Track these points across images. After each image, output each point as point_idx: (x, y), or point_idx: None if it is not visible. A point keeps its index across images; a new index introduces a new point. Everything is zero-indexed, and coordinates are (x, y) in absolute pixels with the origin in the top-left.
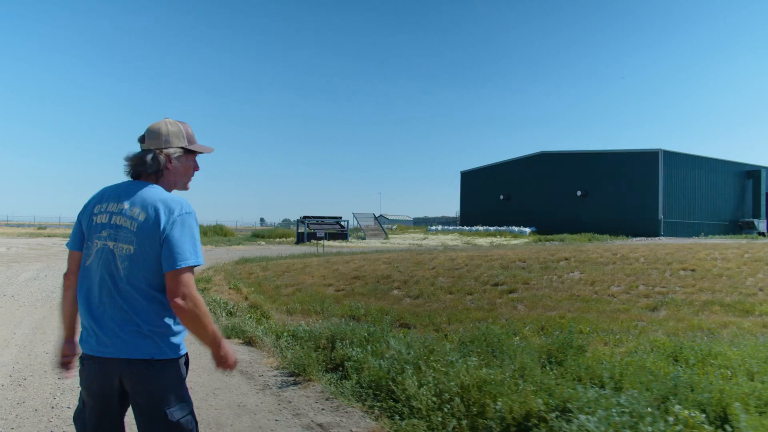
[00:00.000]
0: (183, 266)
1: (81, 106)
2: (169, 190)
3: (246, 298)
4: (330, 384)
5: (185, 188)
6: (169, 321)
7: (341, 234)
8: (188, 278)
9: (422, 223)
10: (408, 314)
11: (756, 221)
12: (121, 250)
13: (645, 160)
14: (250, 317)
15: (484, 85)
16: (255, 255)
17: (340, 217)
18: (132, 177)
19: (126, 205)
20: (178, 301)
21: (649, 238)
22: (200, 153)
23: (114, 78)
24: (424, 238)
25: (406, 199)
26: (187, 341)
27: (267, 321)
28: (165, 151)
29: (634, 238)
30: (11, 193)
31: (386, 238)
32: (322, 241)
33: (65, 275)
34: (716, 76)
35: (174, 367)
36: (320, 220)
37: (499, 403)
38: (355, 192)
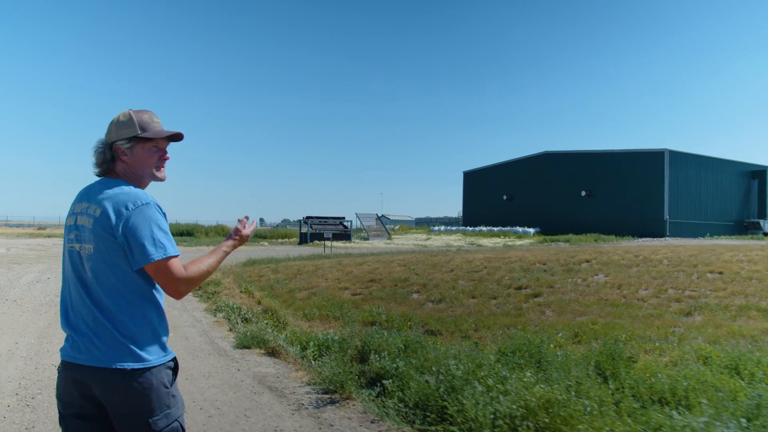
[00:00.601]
0: (157, 259)
1: (81, 106)
2: (139, 183)
3: (259, 303)
4: (370, 402)
5: (157, 178)
6: (146, 323)
7: (344, 234)
8: (171, 268)
9: (424, 224)
10: (432, 320)
11: (762, 222)
12: (85, 251)
13: (650, 160)
14: (267, 323)
15: (485, 85)
16: (261, 256)
17: (343, 218)
18: (100, 175)
19: (86, 203)
20: (175, 292)
21: (655, 239)
22: (158, 140)
23: (114, 78)
24: (428, 239)
25: (408, 199)
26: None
27: (284, 328)
28: (115, 143)
29: (640, 239)
30: (10, 194)
31: (389, 238)
32: (329, 242)
33: None
34: (719, 75)
35: (156, 374)
36: (323, 220)
37: None
38: (356, 192)
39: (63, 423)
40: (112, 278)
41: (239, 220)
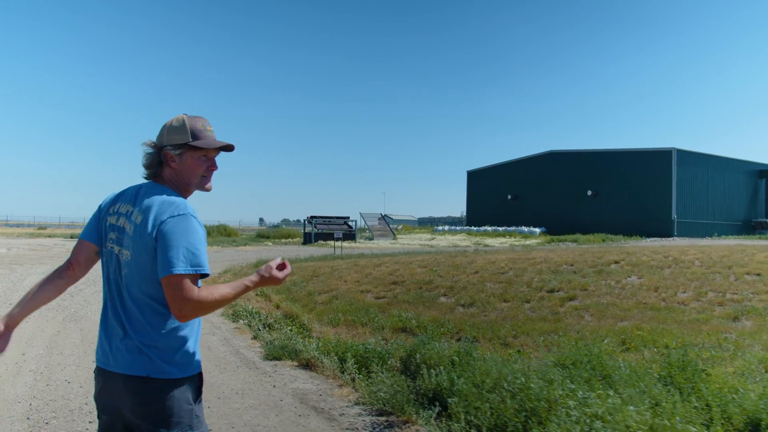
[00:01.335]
0: (174, 273)
1: (80, 105)
2: (182, 191)
3: (278, 307)
4: (433, 426)
5: (203, 188)
6: (173, 336)
7: (349, 234)
8: (182, 286)
9: (427, 223)
10: (467, 326)
11: None
12: (123, 256)
13: (658, 160)
14: (291, 330)
15: (487, 85)
16: (269, 257)
17: (348, 217)
18: (147, 179)
19: (129, 207)
20: (178, 312)
21: (663, 239)
22: (209, 150)
23: (114, 78)
24: (432, 239)
25: (410, 198)
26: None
27: (310, 335)
28: (165, 148)
29: (648, 239)
30: (10, 193)
31: (394, 238)
32: (339, 243)
33: (67, 263)
34: (724, 73)
35: (176, 388)
36: (328, 220)
37: None
38: (358, 191)
39: (100, 422)
40: (143, 287)
41: (278, 263)
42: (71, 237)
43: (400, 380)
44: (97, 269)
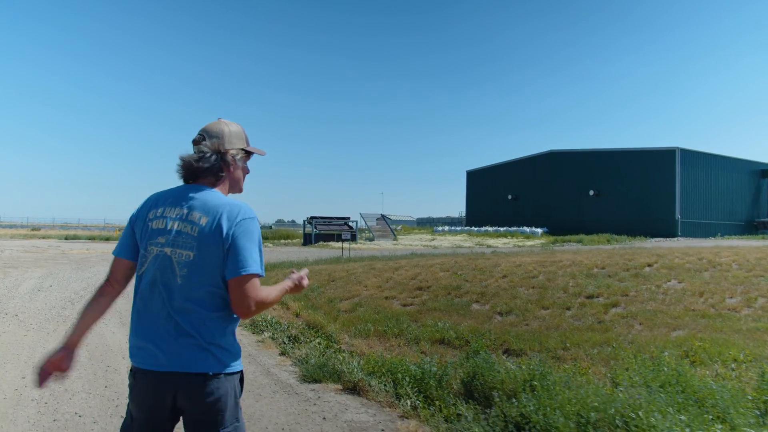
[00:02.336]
0: (246, 273)
1: (75, 104)
2: (225, 193)
3: (297, 315)
4: None
5: (240, 191)
6: (229, 332)
7: (350, 235)
8: (252, 286)
9: (426, 224)
10: (511, 337)
11: None
12: (179, 257)
13: (661, 159)
14: (319, 343)
15: (486, 84)
16: (273, 259)
17: (348, 218)
18: (186, 180)
19: (185, 209)
20: (246, 310)
21: (668, 239)
22: (256, 155)
23: (111, 77)
24: (433, 239)
25: (408, 199)
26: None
27: (338, 347)
28: (230, 152)
29: (653, 239)
30: (3, 193)
31: (395, 239)
32: (342, 244)
33: (106, 281)
34: (726, 72)
35: (231, 382)
36: (328, 220)
37: None
38: (355, 191)
39: (132, 427)
40: (207, 286)
41: (301, 275)
42: (65, 238)
43: (471, 409)
44: (95, 276)
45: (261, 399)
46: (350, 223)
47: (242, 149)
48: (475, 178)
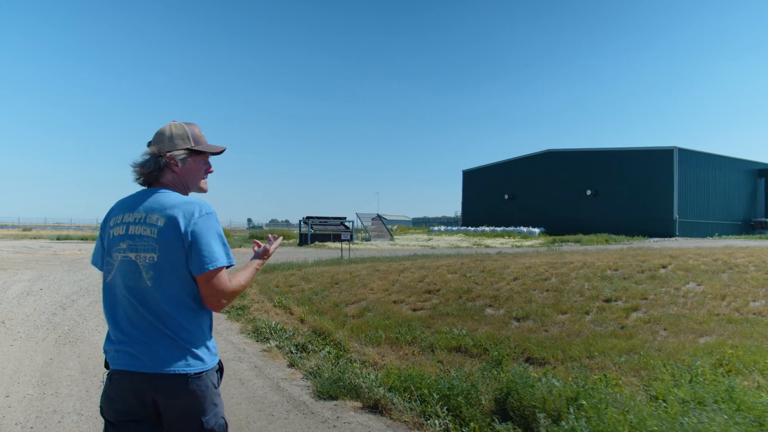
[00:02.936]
0: (212, 268)
1: (67, 103)
2: (184, 193)
3: (302, 321)
4: None
5: (201, 190)
6: (203, 328)
7: (349, 236)
8: (219, 279)
9: (421, 224)
10: (532, 344)
11: None
12: (144, 260)
13: (659, 159)
14: (329, 353)
15: (482, 84)
16: (272, 260)
17: (345, 218)
18: (143, 185)
19: (143, 213)
20: (217, 303)
21: (666, 239)
22: (209, 153)
23: (109, 77)
24: (430, 239)
25: (404, 198)
26: None
27: (348, 355)
28: (169, 153)
29: (651, 239)
30: None
31: (392, 239)
32: (340, 244)
33: None
34: (722, 73)
35: (210, 376)
36: (324, 220)
37: None
38: (349, 191)
39: (117, 428)
40: (175, 286)
41: (269, 238)
42: (57, 239)
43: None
44: (88, 278)
45: (274, 420)
46: (346, 223)
47: (187, 149)
48: (472, 178)
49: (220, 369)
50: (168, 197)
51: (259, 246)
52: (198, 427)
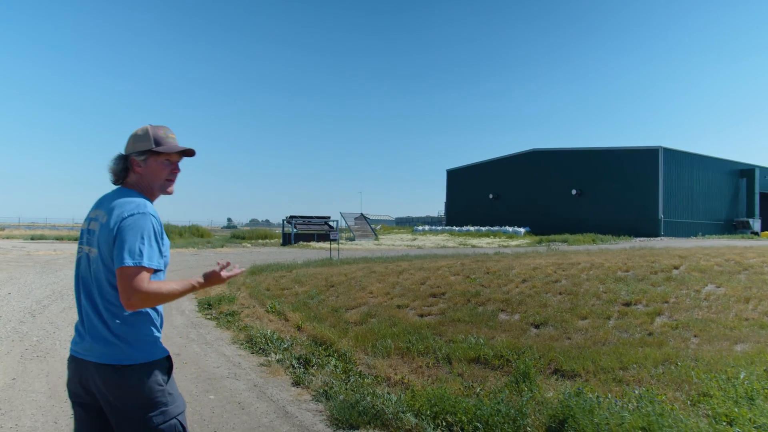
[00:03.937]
0: (123, 265)
1: (56, 101)
2: (148, 194)
3: (299, 328)
4: None
5: (166, 191)
6: (139, 323)
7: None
8: (130, 278)
9: (405, 223)
10: (558, 354)
11: (751, 221)
12: (91, 254)
13: (644, 158)
14: (336, 367)
15: (467, 85)
16: (259, 261)
17: (329, 217)
18: (114, 184)
19: (99, 210)
20: (126, 301)
21: (652, 239)
22: (169, 154)
23: (107, 76)
24: (415, 239)
25: (386, 198)
26: None
27: (356, 368)
28: (131, 155)
29: (637, 238)
30: None
31: (376, 239)
32: (327, 244)
33: None
34: (708, 75)
35: (146, 372)
36: (308, 220)
37: None
38: (332, 191)
39: (73, 409)
40: (111, 279)
41: (219, 264)
42: (31, 238)
43: None
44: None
45: None
46: (330, 223)
47: (147, 150)
48: (456, 177)
49: (167, 365)
50: (119, 196)
51: (219, 265)
52: (141, 423)
